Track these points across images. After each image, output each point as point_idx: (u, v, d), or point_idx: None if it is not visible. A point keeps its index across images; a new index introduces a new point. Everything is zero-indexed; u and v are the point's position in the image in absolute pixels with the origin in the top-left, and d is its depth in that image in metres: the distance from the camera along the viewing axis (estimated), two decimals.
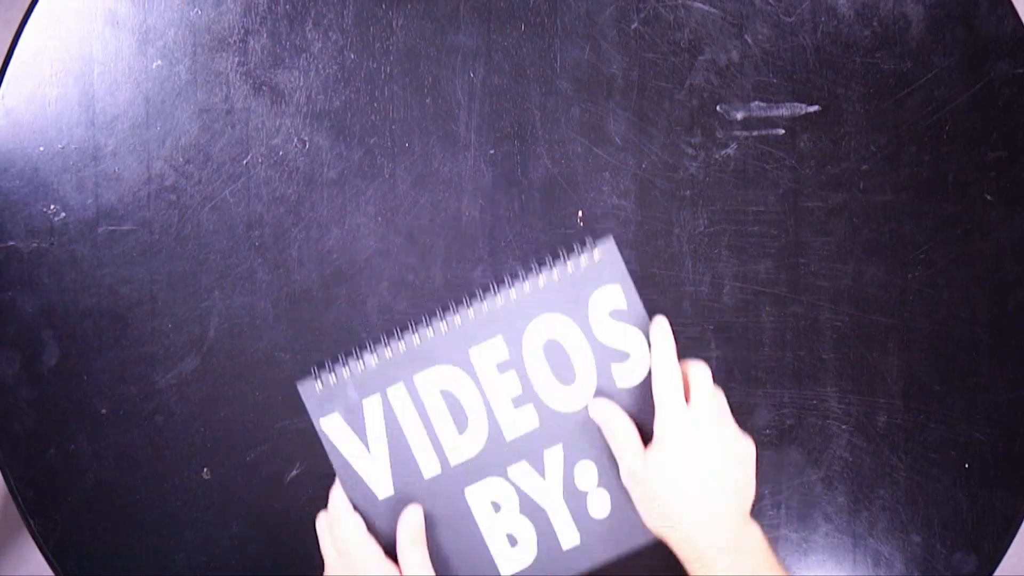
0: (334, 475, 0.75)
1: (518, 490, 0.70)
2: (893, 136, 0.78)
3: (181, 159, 0.77)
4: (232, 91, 0.77)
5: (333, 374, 0.70)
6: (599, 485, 0.70)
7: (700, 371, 0.67)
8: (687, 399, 0.66)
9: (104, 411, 0.77)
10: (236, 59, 0.77)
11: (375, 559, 0.66)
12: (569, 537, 0.70)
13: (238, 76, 0.77)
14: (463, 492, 0.69)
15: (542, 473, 0.70)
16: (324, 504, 0.77)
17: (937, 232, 0.78)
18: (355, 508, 0.69)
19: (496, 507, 0.69)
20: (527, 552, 0.70)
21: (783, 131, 0.78)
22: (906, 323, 0.78)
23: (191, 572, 0.77)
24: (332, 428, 0.69)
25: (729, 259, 0.78)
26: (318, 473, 0.76)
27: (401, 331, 0.71)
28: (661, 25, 0.78)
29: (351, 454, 0.69)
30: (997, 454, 0.78)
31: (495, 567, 0.70)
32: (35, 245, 0.77)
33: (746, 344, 0.74)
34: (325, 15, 0.77)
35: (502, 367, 0.69)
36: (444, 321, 0.70)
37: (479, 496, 0.69)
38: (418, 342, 0.69)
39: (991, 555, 0.78)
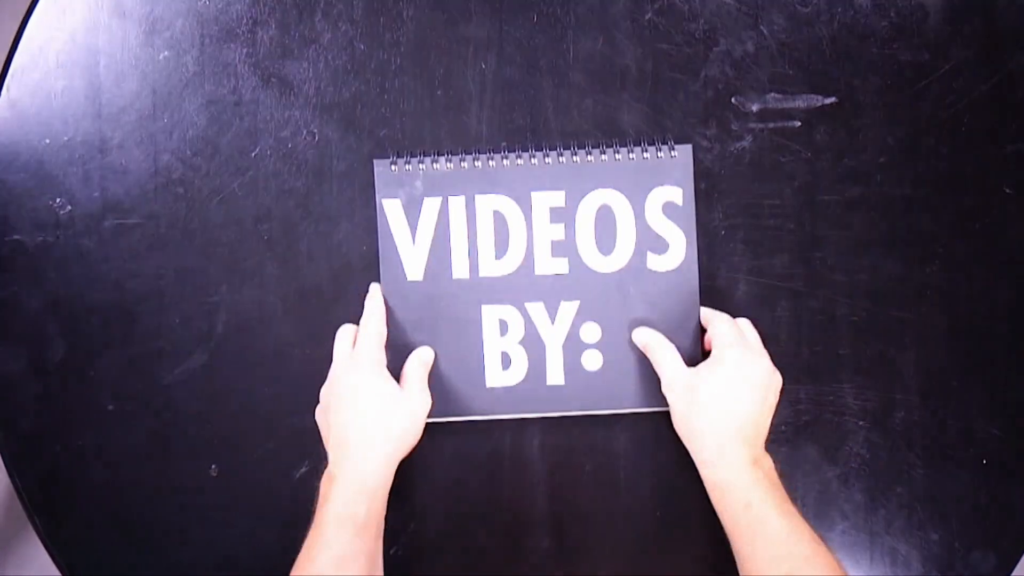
0: None
1: (528, 322, 0.75)
2: (910, 129, 0.77)
3: (188, 152, 0.76)
4: (240, 82, 0.76)
5: (409, 164, 0.74)
6: (597, 345, 0.75)
7: (743, 320, 0.74)
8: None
9: (111, 407, 0.76)
10: (244, 50, 0.76)
11: (378, 367, 0.71)
12: (555, 376, 0.75)
13: (246, 67, 0.76)
14: (480, 306, 0.75)
15: (553, 319, 0.75)
16: None
17: (955, 226, 0.77)
18: (383, 290, 0.75)
19: (503, 328, 0.75)
20: (515, 375, 0.75)
21: (799, 123, 0.77)
22: (923, 318, 0.77)
23: (199, 570, 0.76)
24: (390, 209, 0.75)
25: (744, 253, 0.77)
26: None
27: (479, 152, 0.75)
28: (675, 16, 0.77)
29: (398, 237, 0.75)
30: (1016, 451, 0.77)
31: (483, 377, 0.75)
32: (41, 239, 0.76)
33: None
34: (335, 5, 0.76)
35: (555, 216, 0.75)
36: (521, 157, 0.75)
37: (492, 313, 0.75)
38: (492, 166, 0.75)
39: (1010, 553, 0.77)
